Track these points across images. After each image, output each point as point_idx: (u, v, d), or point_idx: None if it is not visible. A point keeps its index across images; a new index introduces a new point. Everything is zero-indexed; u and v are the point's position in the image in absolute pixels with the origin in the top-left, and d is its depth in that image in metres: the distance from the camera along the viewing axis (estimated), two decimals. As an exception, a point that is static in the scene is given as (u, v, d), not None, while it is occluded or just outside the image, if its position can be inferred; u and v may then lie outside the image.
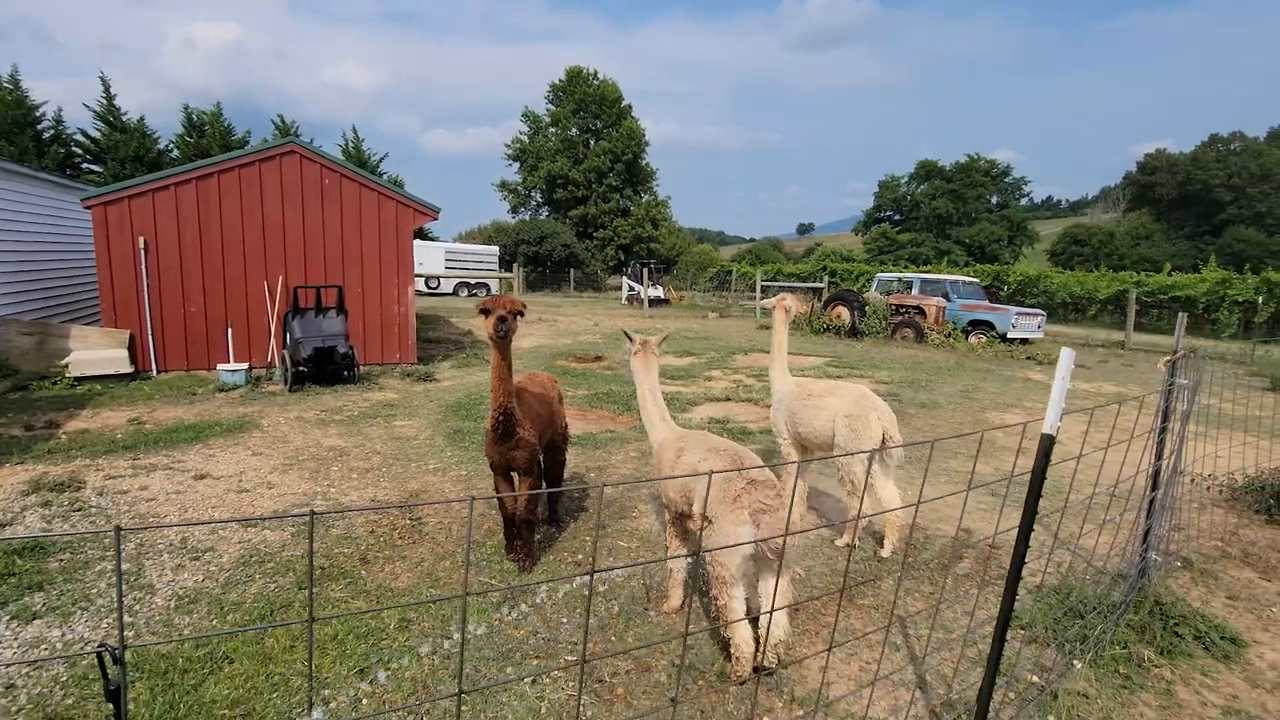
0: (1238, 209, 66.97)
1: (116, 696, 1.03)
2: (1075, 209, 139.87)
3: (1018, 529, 2.08)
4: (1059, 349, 2.07)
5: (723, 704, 2.83)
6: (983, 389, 10.62)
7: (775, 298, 5.08)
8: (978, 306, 17.66)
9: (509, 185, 53.31)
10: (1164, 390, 3.40)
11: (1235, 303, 21.13)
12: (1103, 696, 2.90)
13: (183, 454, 5.98)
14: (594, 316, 22.87)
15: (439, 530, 4.49)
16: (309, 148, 10.44)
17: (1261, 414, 8.34)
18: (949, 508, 5.17)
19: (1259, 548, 4.57)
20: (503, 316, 3.50)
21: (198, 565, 3.90)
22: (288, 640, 3.12)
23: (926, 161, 62.15)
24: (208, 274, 9.80)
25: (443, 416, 7.62)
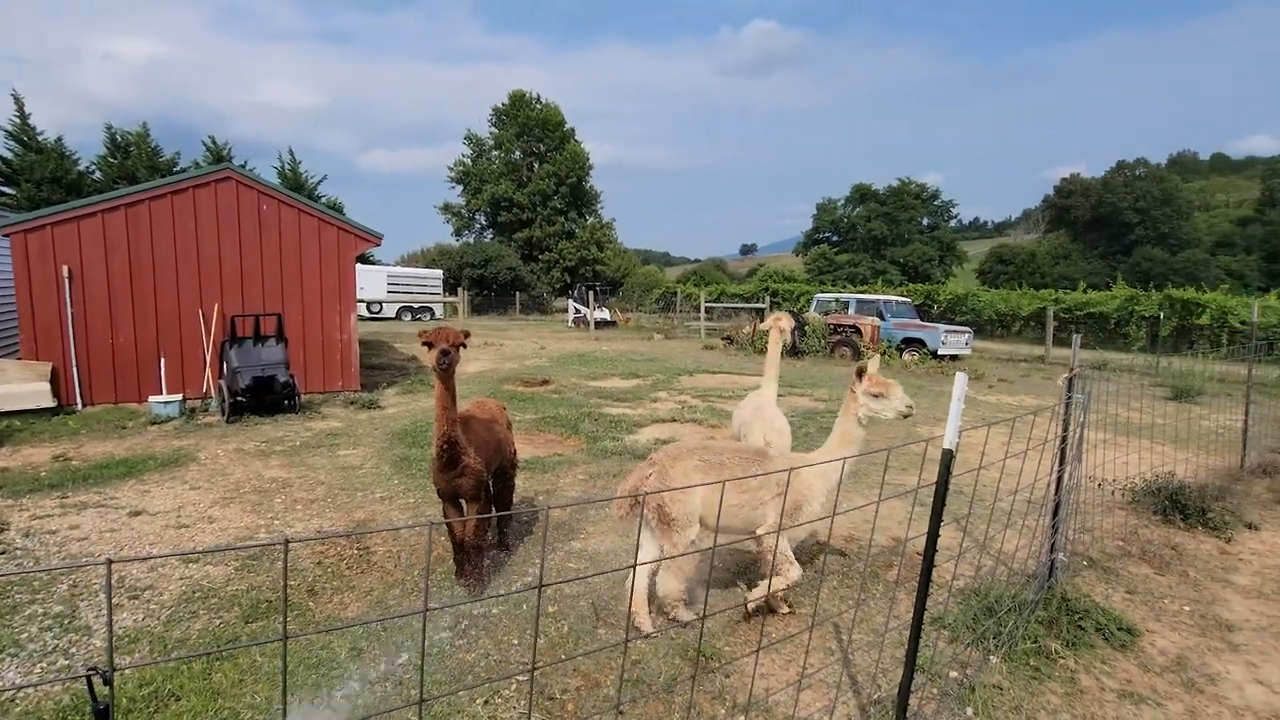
0: (1144, 230, 71.90)
1: (105, 715, 1.11)
2: (1000, 230, 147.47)
3: (926, 535, 2.31)
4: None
5: (669, 714, 2.97)
6: (916, 405, 11.13)
7: (771, 318, 5.41)
8: (910, 325, 18.50)
9: (452, 208, 53.02)
10: (1062, 403, 3.76)
11: (1142, 318, 22.72)
12: (1015, 687, 3.17)
13: (115, 490, 5.79)
14: (540, 340, 22.90)
15: (388, 559, 4.50)
16: (245, 173, 10.29)
17: (1163, 422, 9.05)
18: (882, 520, 5.46)
19: (1155, 546, 5.00)
20: (445, 350, 3.60)
21: (137, 604, 3.83)
22: (235, 674, 3.12)
23: (861, 185, 64.73)
24: (138, 303, 9.49)
25: (389, 444, 7.57)
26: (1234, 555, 4.97)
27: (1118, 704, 3.11)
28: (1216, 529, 5.33)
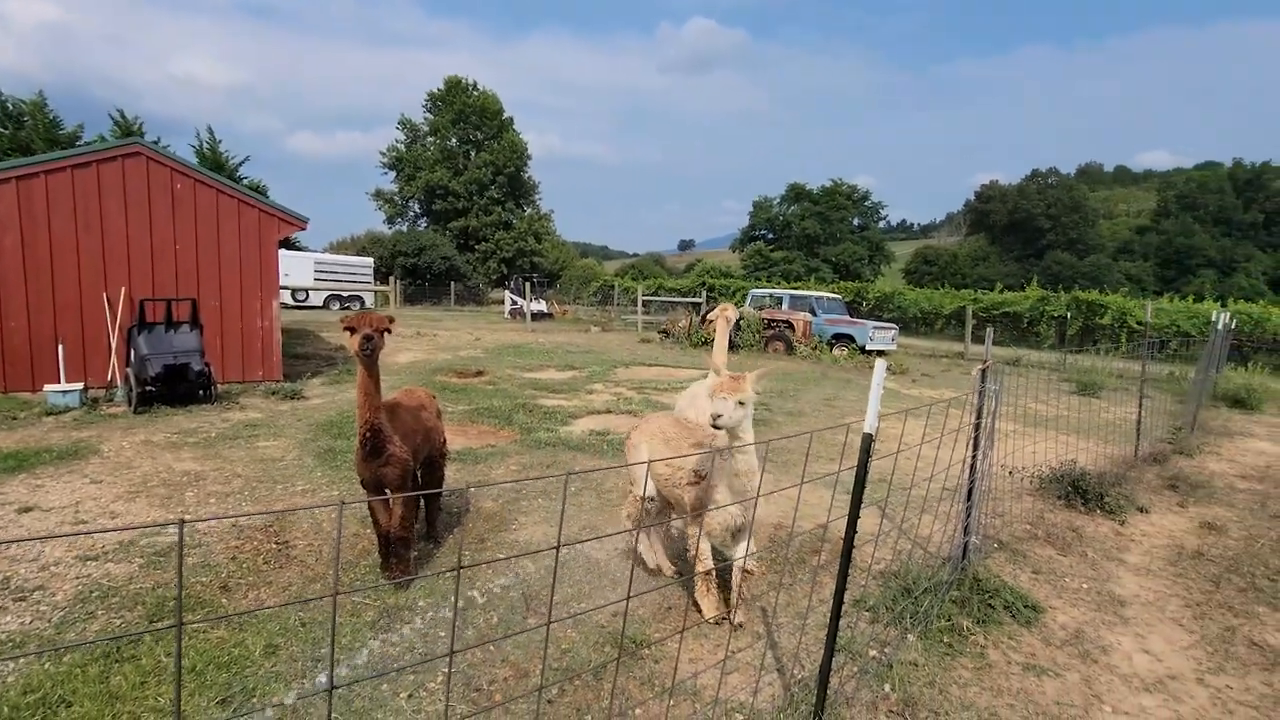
0: (1055, 235, 76.47)
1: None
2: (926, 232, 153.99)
3: (847, 517, 2.38)
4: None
5: (598, 700, 2.97)
6: (844, 397, 11.52)
7: (719, 307, 5.44)
8: (840, 321, 19.09)
9: (385, 194, 51.35)
10: (976, 393, 3.95)
11: (1052, 317, 24.15)
12: (930, 664, 3.32)
13: (2, 485, 5.35)
14: (476, 331, 22.48)
15: (308, 553, 4.33)
16: (157, 149, 9.66)
17: (1068, 414, 9.64)
18: (808, 506, 5.61)
19: (1059, 529, 5.33)
20: (369, 335, 3.50)
21: (24, 606, 3.55)
22: (137, 676, 2.93)
23: (796, 184, 66.28)
24: (32, 285, 8.77)
25: (312, 435, 7.28)
26: (1127, 536, 5.35)
27: (1022, 676, 3.30)
28: (1112, 512, 5.72)
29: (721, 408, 3.20)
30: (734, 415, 3.22)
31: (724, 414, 3.18)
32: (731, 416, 3.21)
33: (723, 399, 3.24)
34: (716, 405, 3.21)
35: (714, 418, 3.19)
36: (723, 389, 3.27)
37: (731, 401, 3.22)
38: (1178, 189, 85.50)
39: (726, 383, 3.29)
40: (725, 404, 3.22)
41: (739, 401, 3.23)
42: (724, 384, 3.30)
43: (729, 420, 3.21)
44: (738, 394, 3.24)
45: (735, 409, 3.22)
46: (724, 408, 3.20)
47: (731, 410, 3.21)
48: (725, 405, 3.21)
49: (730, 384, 3.27)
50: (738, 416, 3.24)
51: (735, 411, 3.22)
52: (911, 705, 2.98)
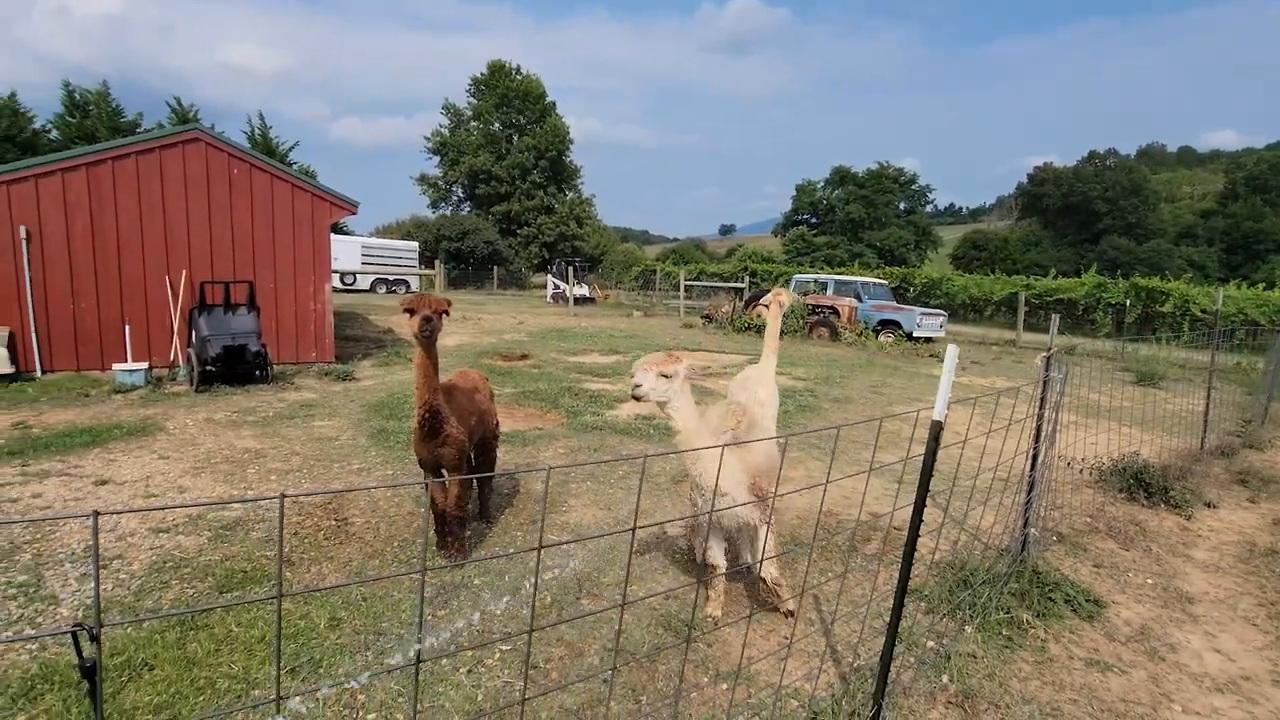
0: (1112, 220, 73.33)
1: (91, 673, 1.07)
2: (974, 216, 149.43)
3: (913, 505, 2.34)
4: (959, 347, 2.34)
5: (652, 682, 3.00)
6: (891, 384, 11.31)
7: (773, 292, 5.39)
8: (886, 307, 18.70)
9: (429, 179, 52.02)
10: (1039, 382, 3.82)
11: (1109, 305, 23.24)
12: (988, 656, 3.25)
13: (79, 459, 5.63)
14: (519, 315, 22.71)
15: (366, 530, 4.45)
16: (215, 135, 9.94)
17: (1128, 405, 9.29)
18: (858, 494, 5.54)
19: (1120, 522, 5.15)
20: (428, 316, 3.54)
21: (105, 574, 3.74)
22: (211, 644, 3.06)
23: (841, 167, 64.94)
24: (101, 268, 9.17)
25: (365, 416, 7.46)
26: (1194, 532, 5.14)
27: (1085, 671, 3.21)
28: (1178, 507, 5.50)
29: (641, 378, 3.08)
30: (656, 387, 3.08)
31: (643, 384, 3.07)
32: (653, 388, 3.07)
33: (645, 370, 3.11)
34: (637, 376, 3.10)
35: (633, 388, 3.09)
36: (650, 361, 3.15)
37: (653, 373, 3.07)
38: (1247, 170, 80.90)
39: (655, 356, 3.17)
40: (646, 375, 3.08)
41: (661, 374, 3.07)
42: (652, 357, 3.18)
43: (650, 392, 3.07)
44: (660, 367, 3.09)
45: (657, 381, 3.07)
46: (644, 378, 3.08)
47: (652, 382, 3.07)
48: (646, 377, 3.08)
49: (659, 358, 3.14)
50: (662, 389, 3.08)
51: (657, 384, 3.08)
52: (971, 697, 2.92)
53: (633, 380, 3.11)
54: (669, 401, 3.13)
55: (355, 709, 2.70)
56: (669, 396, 3.11)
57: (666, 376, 3.09)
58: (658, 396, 3.10)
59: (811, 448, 6.94)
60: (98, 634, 0.97)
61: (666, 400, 3.12)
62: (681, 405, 3.15)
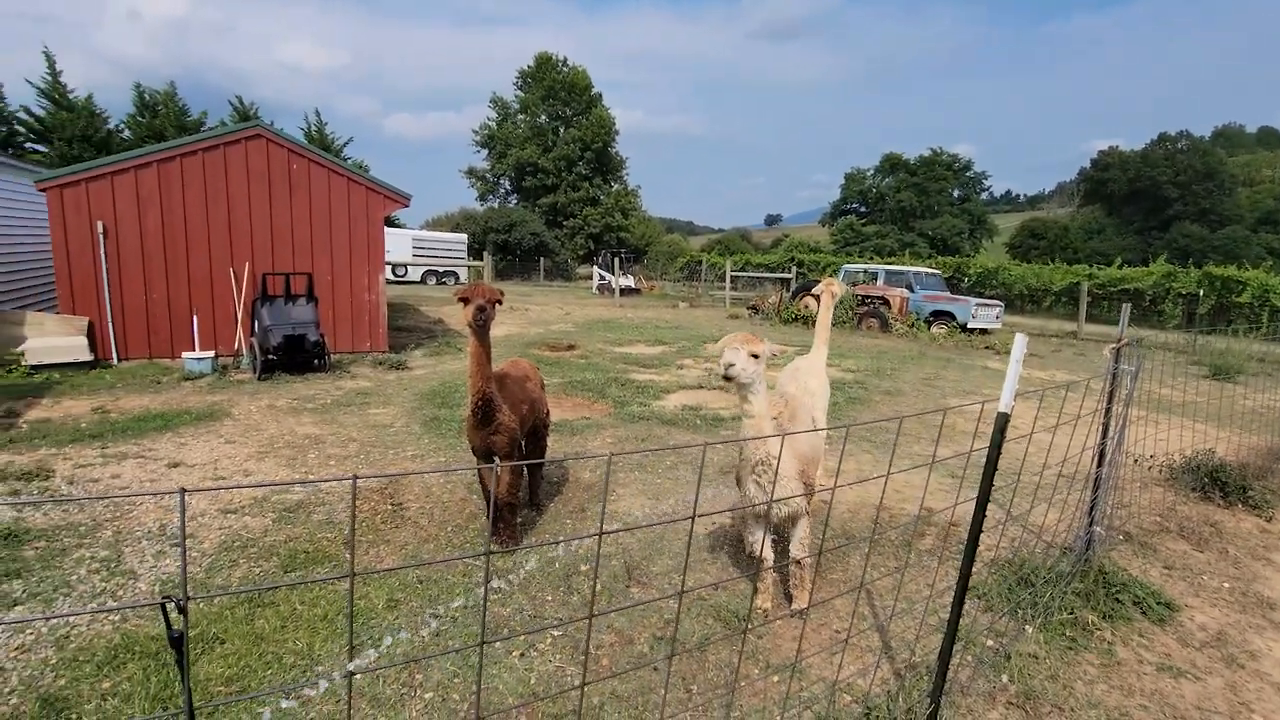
0: (1183, 205, 69.62)
1: (179, 643, 1.12)
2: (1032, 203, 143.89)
3: (976, 496, 2.26)
4: (1015, 337, 2.25)
5: (703, 671, 2.99)
6: (944, 377, 11.00)
7: (824, 282, 5.30)
8: (939, 297, 18.17)
9: (477, 172, 52.75)
10: (1108, 374, 3.66)
11: (1179, 295, 22.11)
12: (1051, 657, 3.14)
13: (153, 442, 5.92)
14: (565, 306, 22.89)
15: (421, 515, 4.56)
16: (275, 131, 10.26)
17: (1200, 400, 8.83)
18: (913, 489, 5.42)
19: (1193, 523, 4.90)
20: (482, 305, 3.59)
21: (179, 552, 3.92)
22: (277, 621, 3.19)
23: (892, 154, 63.28)
24: (171, 260, 9.59)
25: (418, 404, 7.64)
26: (1274, 534, 4.86)
27: (1156, 676, 3.07)
28: (1257, 507, 5.21)
29: (733, 357, 2.92)
30: (747, 368, 2.93)
31: (736, 363, 2.91)
32: (745, 369, 2.93)
33: (735, 349, 2.94)
34: (727, 354, 2.94)
35: (725, 367, 2.92)
36: (736, 339, 2.98)
37: (744, 351, 2.93)
38: (1336, 150, 75.71)
39: (742, 334, 3.02)
40: (737, 354, 2.93)
41: (752, 353, 2.94)
42: (739, 335, 3.02)
43: (741, 372, 2.93)
44: (751, 345, 2.95)
45: (748, 360, 2.93)
46: (736, 357, 2.92)
47: (744, 361, 2.92)
48: (738, 355, 2.92)
49: (746, 336, 3.01)
50: (751, 370, 2.96)
51: (748, 364, 2.93)
52: (1032, 698, 2.83)
53: (723, 360, 2.94)
54: (752, 384, 3.01)
55: (413, 688, 2.77)
56: (754, 378, 3.01)
57: (756, 356, 2.97)
58: (747, 378, 2.97)
59: (862, 440, 6.81)
60: (184, 606, 1.02)
61: (752, 382, 3.00)
62: (762, 389, 3.07)
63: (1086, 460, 3.94)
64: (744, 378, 2.97)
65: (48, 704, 2.55)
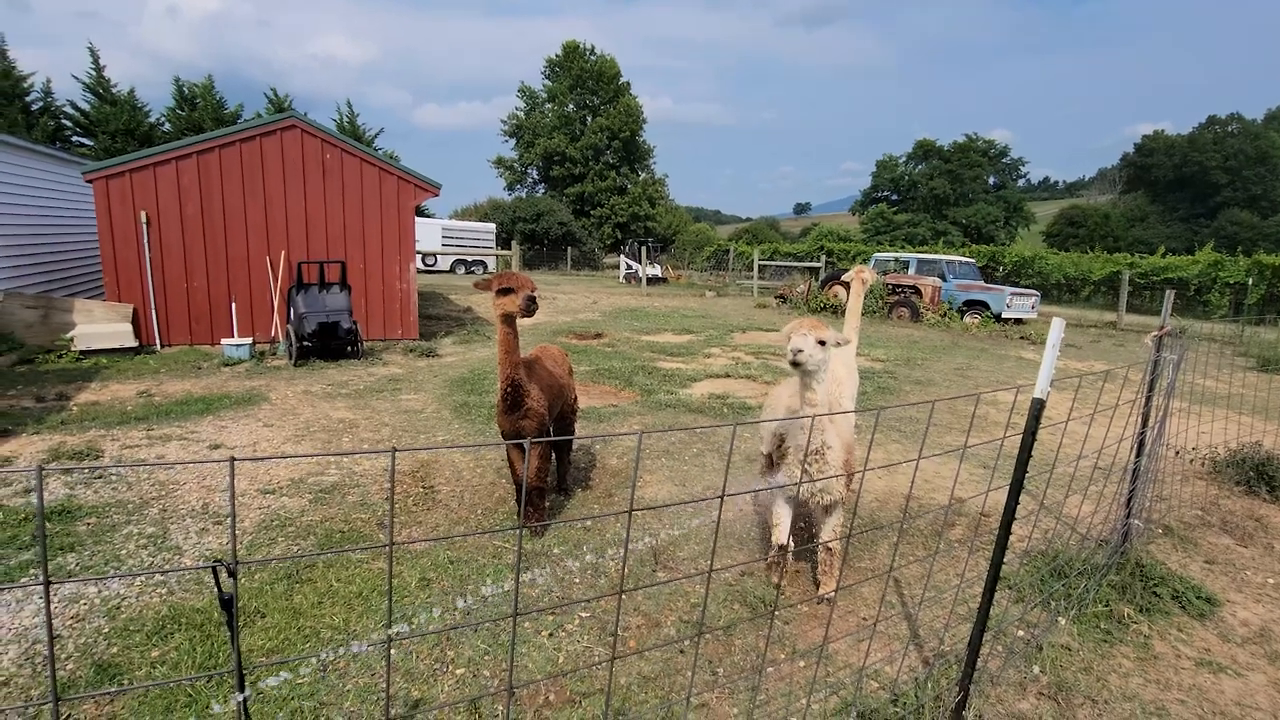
0: (1233, 191, 67.15)
1: (229, 605, 1.18)
2: (1072, 190, 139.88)
3: (1008, 487, 2.24)
4: (1052, 321, 2.21)
5: (729, 655, 3.01)
6: (977, 367, 10.81)
7: (854, 269, 5.30)
8: (973, 286, 17.83)
9: (505, 161, 52.97)
10: (1149, 363, 3.56)
11: (1226, 284, 21.37)
12: (1084, 649, 3.10)
13: (195, 425, 6.10)
14: (592, 295, 22.95)
15: (451, 498, 4.65)
16: (309, 122, 10.43)
17: (1246, 392, 8.55)
18: (941, 478, 5.36)
19: (1237, 517, 4.77)
20: (531, 296, 3.63)
21: (221, 529, 4.05)
22: (315, 597, 3.28)
23: (925, 141, 62.02)
24: (210, 249, 9.85)
25: (448, 391, 7.75)
26: (1324, 531, 4.70)
27: (1195, 671, 3.01)
28: (1305, 503, 5.04)
29: (801, 343, 2.88)
30: (815, 355, 2.90)
31: (804, 348, 2.88)
32: (812, 356, 2.90)
33: (803, 334, 2.90)
34: (795, 340, 2.89)
35: (794, 353, 2.87)
36: (804, 325, 2.94)
37: (812, 338, 2.89)
38: (1399, 133, 72.13)
39: (810, 320, 2.98)
40: (806, 339, 2.89)
41: (819, 340, 2.90)
42: (806, 321, 2.98)
43: (810, 358, 2.89)
44: (819, 332, 2.91)
45: (816, 348, 2.89)
46: (804, 343, 2.88)
47: (812, 348, 2.89)
48: (806, 341, 2.89)
49: (814, 322, 2.97)
50: (819, 358, 2.92)
51: (816, 351, 2.90)
52: (1065, 690, 2.80)
53: (791, 345, 2.90)
54: (818, 371, 2.97)
55: (445, 663, 2.84)
56: (821, 365, 2.96)
57: (823, 343, 2.93)
58: (814, 364, 2.93)
59: (890, 429, 6.74)
60: (234, 570, 1.07)
61: (818, 369, 2.96)
62: (826, 378, 3.03)
63: (1123, 451, 3.85)
64: (811, 364, 2.93)
65: (102, 670, 2.66)
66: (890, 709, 2.59)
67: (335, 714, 2.50)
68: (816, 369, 2.96)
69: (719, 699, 2.72)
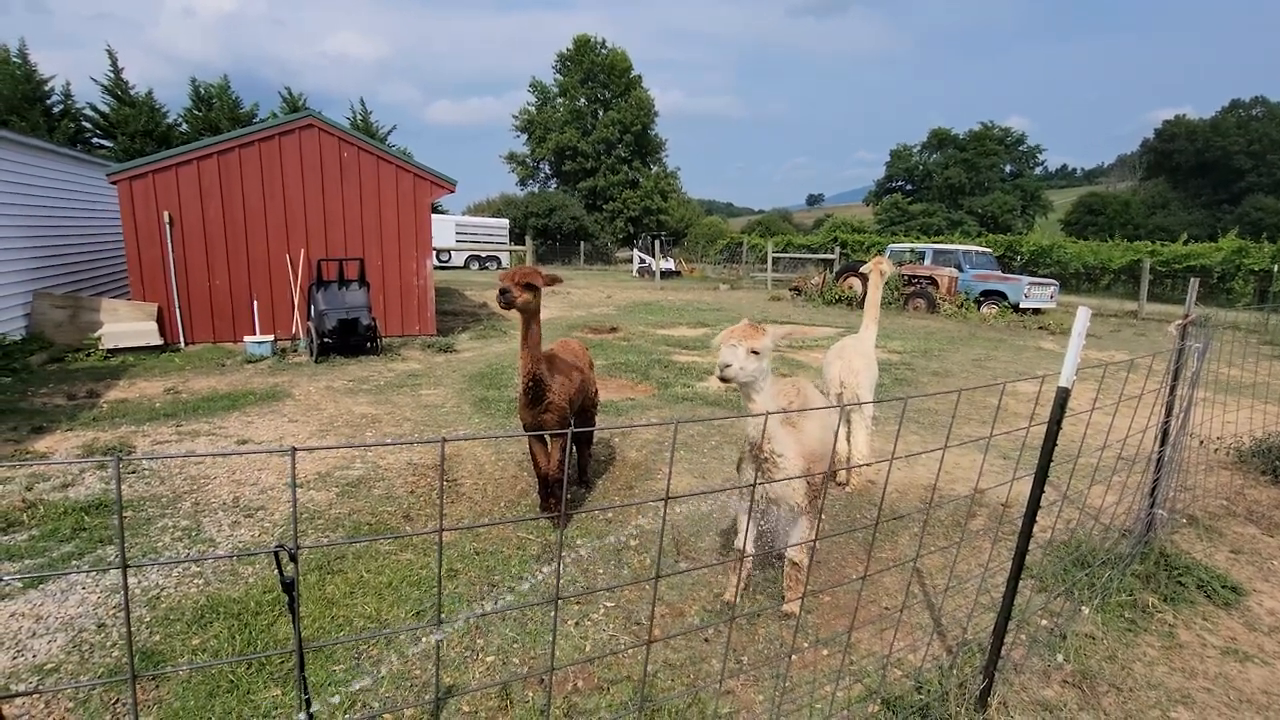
0: (1258, 176, 65.86)
1: (290, 588, 1.23)
2: (1090, 178, 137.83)
3: (1033, 476, 2.25)
4: (1072, 319, 2.21)
5: (753, 643, 3.05)
6: (995, 358, 10.74)
7: (873, 261, 5.28)
8: (990, 276, 17.67)
9: (517, 157, 53.06)
10: (1174, 351, 3.55)
11: (1251, 272, 21.01)
12: (1108, 638, 3.10)
13: (222, 421, 6.22)
14: (606, 289, 23.00)
15: (475, 491, 4.72)
16: (326, 121, 10.53)
17: (1272, 381, 8.44)
18: (961, 469, 5.36)
19: (1263, 506, 4.73)
20: (504, 288, 3.57)
21: (252, 522, 4.15)
22: (346, 587, 3.36)
23: (940, 130, 61.33)
24: (231, 247, 9.99)
25: (467, 385, 7.83)
26: (1352, 520, 4.66)
27: (1220, 660, 3.01)
28: (1333, 492, 4.99)
29: (730, 356, 2.66)
30: (746, 366, 2.67)
31: (733, 363, 2.65)
32: (744, 368, 2.67)
33: (731, 346, 2.68)
34: (724, 354, 2.68)
35: (721, 368, 2.67)
36: (734, 334, 2.71)
37: (742, 349, 2.66)
38: None
39: (740, 328, 2.73)
40: (735, 352, 2.66)
41: (752, 350, 2.67)
42: (737, 329, 2.73)
43: (739, 372, 2.67)
44: (750, 340, 2.68)
45: (747, 358, 2.66)
46: (733, 356, 2.66)
47: (742, 359, 2.66)
48: (735, 354, 2.66)
49: (745, 330, 2.71)
50: (752, 368, 2.69)
51: (747, 362, 2.67)
52: (1089, 678, 2.81)
53: (719, 360, 2.70)
54: (754, 383, 2.76)
55: (475, 651, 2.90)
56: (757, 376, 2.74)
57: (756, 353, 2.69)
58: (747, 377, 2.71)
59: (909, 420, 6.73)
60: (295, 554, 1.12)
61: (754, 380, 2.75)
62: (766, 386, 2.81)
63: (1147, 441, 3.84)
64: (743, 377, 2.71)
65: (146, 657, 2.75)
66: (914, 696, 2.62)
67: (371, 699, 2.57)
68: (751, 380, 2.74)
69: (744, 686, 2.76)
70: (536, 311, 3.78)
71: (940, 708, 2.51)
